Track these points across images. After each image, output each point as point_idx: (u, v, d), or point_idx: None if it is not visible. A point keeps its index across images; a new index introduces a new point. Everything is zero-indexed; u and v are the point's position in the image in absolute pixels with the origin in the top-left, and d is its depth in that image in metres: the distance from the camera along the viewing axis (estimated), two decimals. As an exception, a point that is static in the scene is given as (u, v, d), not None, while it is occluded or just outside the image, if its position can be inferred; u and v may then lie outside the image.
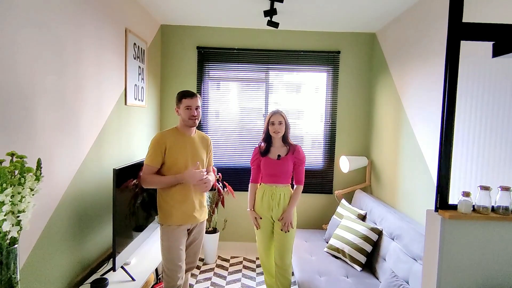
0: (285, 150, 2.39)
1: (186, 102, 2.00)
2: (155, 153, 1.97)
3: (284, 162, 2.37)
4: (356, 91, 3.51)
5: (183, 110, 2.01)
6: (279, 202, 2.35)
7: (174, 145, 2.00)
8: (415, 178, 2.49)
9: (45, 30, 1.58)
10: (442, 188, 1.18)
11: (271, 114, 2.37)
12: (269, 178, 2.38)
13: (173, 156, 1.99)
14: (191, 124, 2.03)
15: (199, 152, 2.12)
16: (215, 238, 3.32)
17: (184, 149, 2.03)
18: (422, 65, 2.44)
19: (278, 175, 2.36)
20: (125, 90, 2.56)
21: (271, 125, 2.35)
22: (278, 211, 2.35)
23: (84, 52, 1.95)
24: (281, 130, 2.34)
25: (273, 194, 2.35)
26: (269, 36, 3.46)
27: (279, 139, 2.39)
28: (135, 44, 2.72)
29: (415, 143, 2.50)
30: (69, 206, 1.84)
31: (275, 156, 2.39)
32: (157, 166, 1.98)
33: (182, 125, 2.07)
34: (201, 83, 3.52)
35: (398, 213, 2.57)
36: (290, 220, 2.30)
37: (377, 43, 3.35)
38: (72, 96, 1.83)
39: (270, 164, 2.37)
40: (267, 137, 2.41)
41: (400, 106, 2.77)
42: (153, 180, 1.97)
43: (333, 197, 3.55)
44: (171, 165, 2.00)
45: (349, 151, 3.54)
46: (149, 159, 1.98)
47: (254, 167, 2.46)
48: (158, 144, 1.97)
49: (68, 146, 1.80)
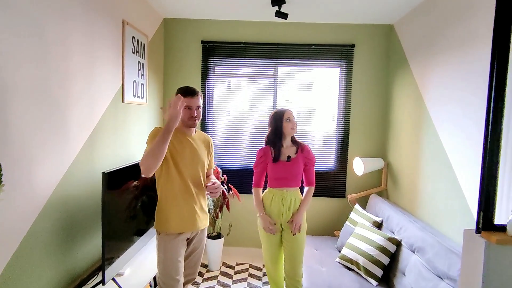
0: (294, 149, 2.22)
1: (186, 101, 1.80)
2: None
3: (295, 163, 2.19)
4: (372, 87, 3.26)
5: (182, 110, 1.80)
6: (289, 207, 2.18)
7: (173, 144, 1.82)
8: (438, 184, 2.24)
9: (22, 17, 1.41)
10: (486, 205, 0.95)
11: (284, 111, 2.20)
12: (278, 182, 2.20)
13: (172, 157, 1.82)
14: (190, 125, 1.88)
15: (200, 154, 1.94)
16: (220, 243, 3.14)
17: (183, 149, 1.86)
18: (448, 59, 2.18)
19: (288, 178, 2.19)
20: (122, 87, 2.39)
21: (287, 121, 2.18)
22: (288, 216, 2.18)
23: (73, 44, 1.78)
24: (296, 126, 2.22)
25: (284, 199, 2.18)
26: (277, 29, 3.24)
27: (289, 138, 2.24)
28: (134, 38, 2.54)
29: (439, 146, 2.24)
30: (55, 213, 1.67)
31: (284, 157, 2.20)
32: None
33: (181, 124, 1.90)
34: (206, 80, 3.33)
35: (419, 221, 2.32)
36: (300, 223, 2.15)
37: (395, 36, 3.09)
38: (57, 92, 1.66)
39: (280, 167, 2.19)
40: (277, 137, 2.20)
41: (422, 105, 2.51)
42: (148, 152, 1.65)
43: (346, 202, 3.31)
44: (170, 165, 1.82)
45: (363, 152, 3.30)
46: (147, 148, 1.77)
47: (258, 170, 2.26)
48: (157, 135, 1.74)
49: (53, 147, 1.64)
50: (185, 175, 1.85)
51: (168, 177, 1.83)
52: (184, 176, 1.85)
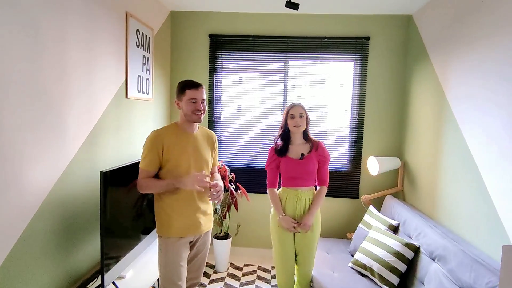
0: (307, 147, 2.11)
1: (190, 94, 1.70)
2: (150, 155, 1.68)
3: (308, 161, 2.08)
4: (388, 82, 3.08)
5: (186, 103, 1.71)
6: (304, 208, 2.09)
7: (174, 144, 1.71)
8: (462, 187, 2.06)
9: (15, 10, 1.32)
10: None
11: (290, 107, 2.09)
12: (291, 181, 2.09)
13: (173, 158, 1.70)
14: (195, 119, 1.74)
15: (203, 152, 1.82)
16: (227, 244, 3.04)
17: (185, 149, 1.74)
18: (474, 51, 1.99)
19: (302, 177, 2.08)
20: (125, 82, 2.30)
21: (291, 118, 2.07)
22: (302, 218, 2.08)
23: (72, 38, 1.69)
24: (302, 124, 2.07)
25: (298, 199, 2.08)
26: (288, 21, 3.09)
27: (300, 135, 2.12)
28: (138, 31, 2.44)
29: (463, 146, 2.06)
30: (52, 214, 1.60)
31: (296, 155, 2.09)
32: (154, 170, 1.70)
33: (183, 120, 1.77)
34: (214, 74, 3.21)
35: (439, 227, 2.16)
36: (311, 224, 2.06)
37: (414, 27, 2.89)
38: (53, 88, 1.57)
39: (292, 165, 2.07)
40: (285, 133, 2.11)
41: (444, 101, 2.33)
42: (149, 184, 1.69)
43: (359, 203, 3.16)
44: (171, 168, 1.71)
45: (378, 151, 3.13)
46: (143, 162, 1.70)
47: (270, 169, 2.15)
48: (153, 144, 1.68)
49: (49, 146, 1.55)
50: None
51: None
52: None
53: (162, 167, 1.72)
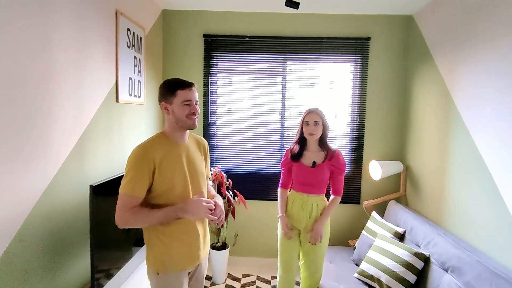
0: (322, 156, 2.08)
1: (183, 95, 1.40)
2: (138, 177, 1.32)
3: (319, 170, 2.05)
4: (389, 84, 2.99)
5: (179, 107, 1.40)
6: (310, 213, 2.07)
7: (166, 160, 1.39)
8: (473, 194, 1.98)
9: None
10: None
11: (306, 113, 2.06)
12: (300, 186, 2.09)
13: (167, 178, 1.37)
14: (191, 125, 1.44)
15: (198, 165, 1.53)
16: (225, 254, 2.89)
17: (179, 164, 1.43)
18: (483, 52, 1.91)
19: (311, 184, 2.07)
20: (116, 85, 2.14)
21: (305, 125, 2.04)
22: (308, 223, 2.08)
23: (57, 38, 1.52)
24: (316, 132, 2.03)
25: (304, 203, 2.07)
26: (286, 21, 2.97)
27: (315, 142, 2.09)
28: (129, 30, 2.28)
29: (473, 150, 1.98)
30: (37, 230, 1.43)
31: (309, 162, 2.06)
32: (142, 195, 1.35)
33: (174, 128, 1.45)
34: (209, 76, 3.07)
35: (450, 235, 2.07)
36: (321, 233, 2.03)
37: (416, 27, 2.82)
38: (37, 92, 1.40)
39: (303, 172, 2.06)
40: (301, 139, 2.09)
41: (450, 103, 2.25)
42: (139, 216, 1.32)
43: (361, 208, 3.06)
44: (164, 190, 1.38)
45: (379, 155, 3.04)
46: (128, 187, 1.31)
47: (284, 170, 2.16)
48: (143, 162, 1.33)
49: (33, 156, 1.39)
50: (187, 197, 1.44)
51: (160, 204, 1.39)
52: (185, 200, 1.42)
53: (152, 190, 1.37)
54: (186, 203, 1.36)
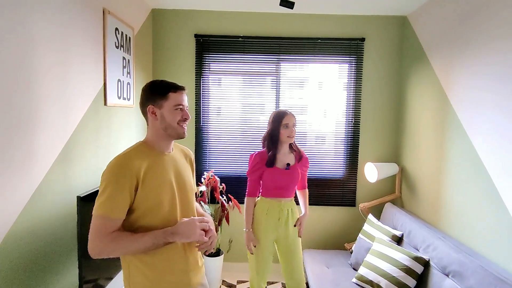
0: (292, 157, 2.05)
1: (176, 98, 1.22)
2: (118, 194, 1.09)
3: (294, 171, 2.05)
4: (384, 85, 2.97)
5: (171, 111, 1.21)
6: (287, 220, 2.06)
7: (153, 173, 1.17)
8: (472, 196, 1.96)
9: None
10: None
11: (283, 115, 1.99)
12: (273, 191, 2.03)
13: (152, 194, 1.16)
14: (181, 133, 1.25)
15: (188, 179, 1.32)
16: (219, 261, 2.81)
17: (166, 178, 1.22)
18: (480, 54, 1.90)
19: (287, 187, 2.05)
20: (104, 87, 2.03)
21: (284, 128, 1.98)
22: (286, 231, 2.05)
23: (40, 38, 1.42)
24: (295, 135, 2.03)
25: (281, 210, 2.04)
26: (280, 21, 2.91)
27: (287, 144, 2.08)
28: (117, 30, 2.18)
29: (472, 152, 1.96)
30: (18, 248, 1.32)
31: (281, 164, 2.03)
32: (122, 217, 1.12)
33: (160, 137, 1.24)
34: (201, 78, 2.98)
35: (450, 238, 2.05)
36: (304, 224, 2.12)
37: (410, 28, 2.80)
38: (18, 97, 1.30)
39: (277, 175, 2.00)
40: (272, 141, 2.02)
41: (446, 104, 2.23)
42: (119, 244, 1.09)
43: (356, 211, 3.03)
44: (149, 208, 1.15)
45: (374, 157, 3.01)
46: (106, 206, 1.08)
47: (253, 178, 2.05)
48: (125, 176, 1.10)
49: (13, 166, 1.28)
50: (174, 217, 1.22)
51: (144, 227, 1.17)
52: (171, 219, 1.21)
53: (133, 210, 1.14)
54: (177, 225, 1.17)
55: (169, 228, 1.16)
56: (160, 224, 1.17)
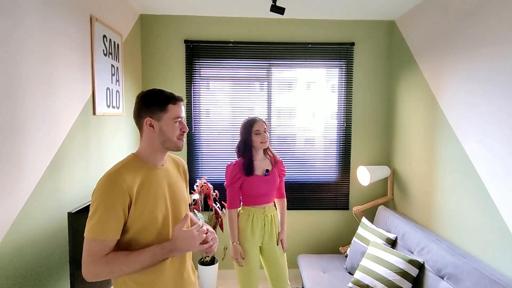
0: (268, 162, 2.09)
1: (175, 111, 1.17)
2: (110, 215, 1.03)
3: (273, 177, 2.06)
4: (374, 89, 3.00)
5: (169, 124, 1.16)
6: (271, 224, 2.06)
7: (146, 189, 1.12)
8: (463, 198, 1.99)
9: None
10: None
11: (252, 122, 2.00)
12: (258, 199, 2.04)
13: (146, 211, 1.10)
14: (180, 146, 1.20)
15: (181, 191, 1.27)
16: (214, 269, 2.77)
17: (161, 192, 1.17)
18: (469, 58, 1.93)
19: (268, 193, 2.05)
20: (92, 96, 1.98)
21: (256, 135, 1.99)
22: (270, 237, 2.05)
23: (25, 46, 1.37)
24: (268, 140, 2.03)
25: (266, 217, 2.04)
26: (270, 26, 2.91)
27: (261, 150, 2.08)
28: (105, 37, 2.13)
29: (461, 154, 2.00)
30: (4, 271, 1.26)
31: (260, 171, 2.03)
32: (115, 237, 1.06)
33: (156, 149, 1.19)
34: (191, 84, 2.95)
35: (443, 241, 2.07)
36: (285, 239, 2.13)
37: (398, 33, 2.84)
38: (1, 108, 1.25)
39: (257, 183, 2.01)
40: (246, 150, 2.01)
41: (436, 107, 2.27)
42: (116, 267, 1.03)
43: (350, 214, 3.04)
44: (142, 227, 1.10)
45: (366, 160, 3.04)
46: (98, 229, 1.02)
47: (234, 189, 2.02)
48: (117, 194, 1.04)
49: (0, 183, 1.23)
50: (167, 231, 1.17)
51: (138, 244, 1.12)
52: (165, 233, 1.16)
53: (129, 228, 1.09)
54: (175, 240, 1.09)
55: (167, 244, 1.09)
56: (154, 240, 1.12)
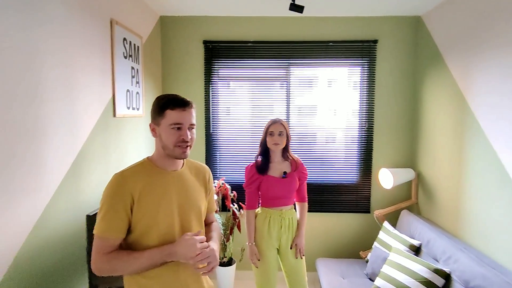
0: (286, 165, 2.07)
1: (172, 117, 1.14)
2: (112, 214, 1.08)
3: (291, 180, 2.04)
4: (398, 88, 2.88)
5: (166, 130, 1.15)
6: (288, 228, 2.05)
7: (149, 192, 1.13)
8: (494, 203, 1.86)
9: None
10: None
11: (270, 123, 2.03)
12: (274, 201, 2.04)
13: (147, 214, 1.12)
14: (178, 155, 1.16)
15: (194, 197, 1.24)
16: (231, 270, 2.77)
17: (166, 196, 1.16)
18: (501, 55, 1.80)
19: (285, 196, 2.04)
20: (113, 98, 2.02)
21: (270, 136, 2.01)
22: (287, 241, 2.04)
23: (46, 51, 1.41)
24: (281, 142, 2.01)
25: (283, 219, 2.03)
26: (289, 25, 2.85)
27: (279, 152, 2.06)
28: (125, 40, 2.16)
29: (492, 155, 1.87)
30: (27, 269, 1.31)
31: (278, 173, 2.04)
32: (118, 237, 1.10)
33: (161, 154, 1.19)
34: (210, 84, 2.95)
35: (472, 250, 1.95)
36: (303, 244, 2.06)
37: (425, 29, 2.70)
38: (25, 113, 1.29)
39: (274, 184, 2.01)
40: (264, 151, 2.02)
41: (465, 107, 2.13)
42: (116, 265, 1.08)
43: (371, 217, 2.94)
44: (144, 229, 1.12)
45: (389, 162, 2.92)
46: (101, 226, 1.08)
47: (251, 189, 2.03)
48: (118, 195, 1.09)
49: (21, 186, 1.27)
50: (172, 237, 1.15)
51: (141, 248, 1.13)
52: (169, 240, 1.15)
53: (133, 229, 1.12)
54: (175, 244, 1.10)
55: (166, 247, 1.11)
56: (157, 245, 1.13)
